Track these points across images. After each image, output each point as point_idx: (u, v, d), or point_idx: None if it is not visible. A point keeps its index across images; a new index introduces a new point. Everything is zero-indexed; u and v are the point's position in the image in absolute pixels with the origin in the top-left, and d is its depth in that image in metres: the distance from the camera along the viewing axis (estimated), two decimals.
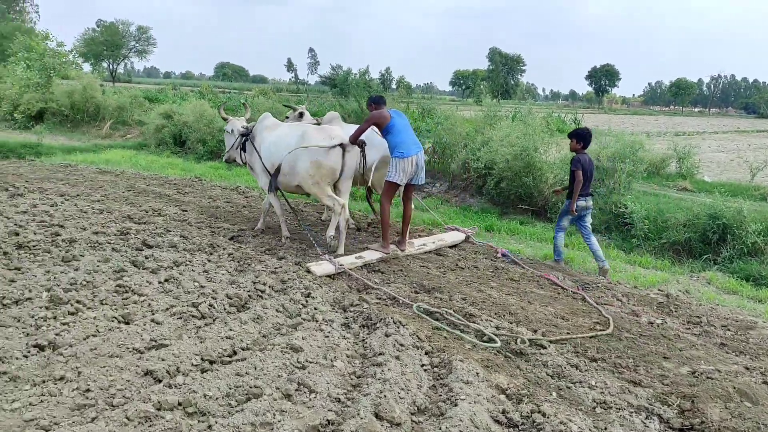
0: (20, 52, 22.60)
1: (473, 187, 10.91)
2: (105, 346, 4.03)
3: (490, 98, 15.94)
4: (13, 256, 5.89)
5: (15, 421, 3.09)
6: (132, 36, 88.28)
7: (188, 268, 5.99)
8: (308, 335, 4.43)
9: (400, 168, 6.68)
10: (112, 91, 25.39)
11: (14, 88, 21.58)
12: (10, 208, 7.94)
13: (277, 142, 7.22)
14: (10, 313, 4.48)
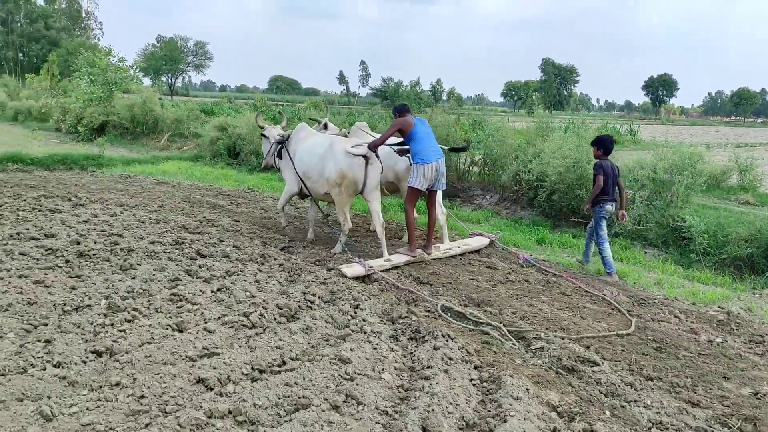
0: (84, 67, 23.52)
1: (524, 200, 10.77)
2: (159, 353, 4.13)
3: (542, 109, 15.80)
4: (74, 264, 6.11)
5: (73, 425, 3.19)
6: (190, 51, 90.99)
7: (240, 277, 6.09)
8: (356, 347, 4.44)
9: (420, 174, 6.96)
10: (170, 105, 26.15)
11: (78, 102, 22.48)
12: (73, 218, 8.25)
13: (309, 150, 7.57)
14: (71, 320, 4.65)
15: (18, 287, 5.25)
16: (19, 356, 3.94)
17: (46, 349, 4.06)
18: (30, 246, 6.61)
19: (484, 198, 11.58)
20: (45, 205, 9.06)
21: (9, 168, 13.28)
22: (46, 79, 39.75)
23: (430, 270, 6.89)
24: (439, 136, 11.97)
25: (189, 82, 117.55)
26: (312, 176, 7.49)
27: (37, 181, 11.70)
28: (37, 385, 3.57)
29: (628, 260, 8.11)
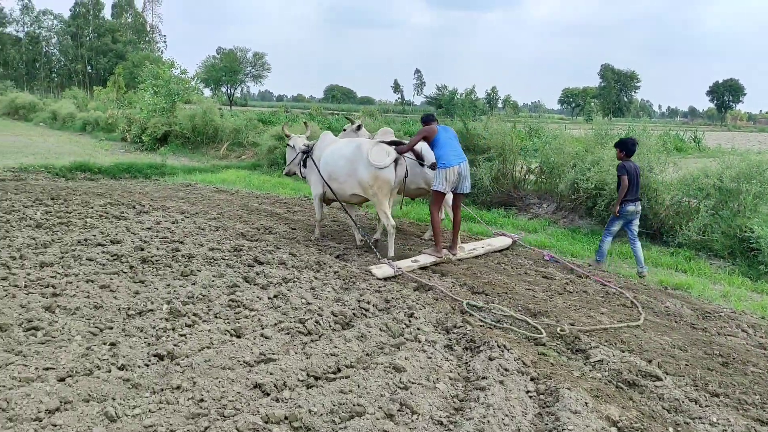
0: (149, 79, 24.35)
1: (582, 209, 10.55)
2: (218, 358, 4.22)
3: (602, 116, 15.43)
4: (138, 270, 6.32)
5: (136, 427, 3.29)
6: (249, 62, 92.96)
7: (296, 284, 6.17)
8: (411, 355, 4.43)
9: (442, 177, 7.33)
10: (230, 115, 26.77)
11: (143, 113, 23.28)
12: (137, 225, 8.53)
13: (334, 152, 7.85)
14: (134, 324, 4.80)
15: (85, 291, 5.46)
16: (86, 358, 4.09)
17: (111, 352, 4.20)
18: (97, 252, 6.87)
19: (541, 207, 11.40)
20: (111, 212, 9.41)
21: (77, 176, 13.83)
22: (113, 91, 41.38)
23: (485, 279, 6.82)
24: (495, 144, 11.89)
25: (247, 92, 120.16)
26: (339, 177, 7.73)
27: (103, 189, 12.16)
28: (103, 386, 3.70)
29: (692, 272, 7.83)
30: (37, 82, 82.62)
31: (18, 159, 15.51)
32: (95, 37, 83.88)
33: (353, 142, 7.76)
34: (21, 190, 11.22)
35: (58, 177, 13.58)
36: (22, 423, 3.25)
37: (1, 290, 5.36)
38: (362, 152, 7.43)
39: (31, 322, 4.63)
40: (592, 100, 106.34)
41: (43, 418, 3.31)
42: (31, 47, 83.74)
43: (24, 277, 5.73)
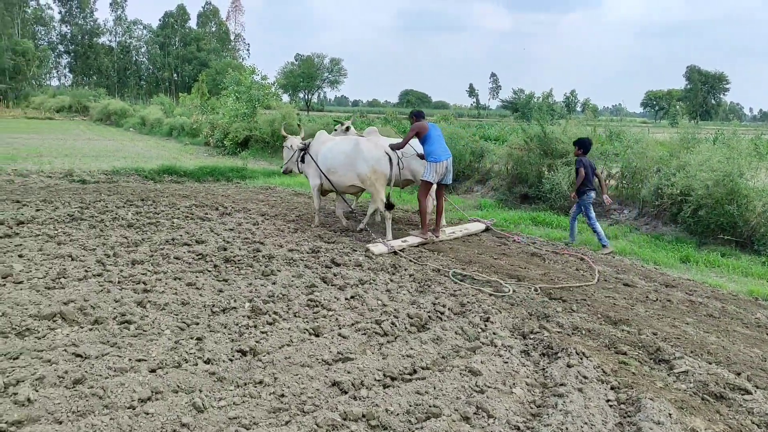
0: (231, 85, 25.20)
1: (666, 215, 10.17)
2: (297, 355, 4.34)
3: (687, 119, 14.82)
4: (221, 269, 6.57)
5: (221, 418, 3.43)
6: (326, 68, 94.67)
7: (372, 286, 6.25)
8: (487, 359, 4.41)
9: (432, 170, 8.34)
10: (307, 120, 27.36)
11: (225, 119, 24.11)
12: (220, 226, 8.87)
13: (332, 148, 8.86)
14: (219, 320, 5.01)
15: (173, 288, 5.74)
16: (174, 351, 4.30)
17: (197, 346, 4.40)
18: (183, 251, 7.19)
19: (622, 213, 11.07)
20: (196, 213, 9.82)
21: (165, 179, 14.49)
22: (197, 97, 42.94)
23: (562, 285, 6.70)
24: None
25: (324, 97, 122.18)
26: (338, 171, 8.75)
27: (188, 191, 12.69)
28: (190, 378, 3.88)
29: None
30: (127, 89, 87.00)
31: (111, 162, 16.40)
32: (181, 46, 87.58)
33: (352, 140, 8.81)
34: (113, 191, 11.87)
35: (147, 179, 14.27)
36: (117, 410, 3.45)
37: (97, 285, 5.70)
38: (361, 149, 8.47)
39: (124, 316, 4.90)
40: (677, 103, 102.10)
41: (136, 406, 3.51)
42: (122, 56, 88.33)
43: (117, 274, 6.07)
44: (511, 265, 7.53)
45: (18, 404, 3.40)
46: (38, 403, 3.43)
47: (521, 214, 11.08)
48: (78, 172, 13.92)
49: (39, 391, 3.55)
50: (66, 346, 4.25)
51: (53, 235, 7.61)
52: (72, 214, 9.04)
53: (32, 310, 4.87)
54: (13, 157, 15.87)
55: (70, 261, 6.48)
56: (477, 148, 14.84)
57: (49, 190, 11.57)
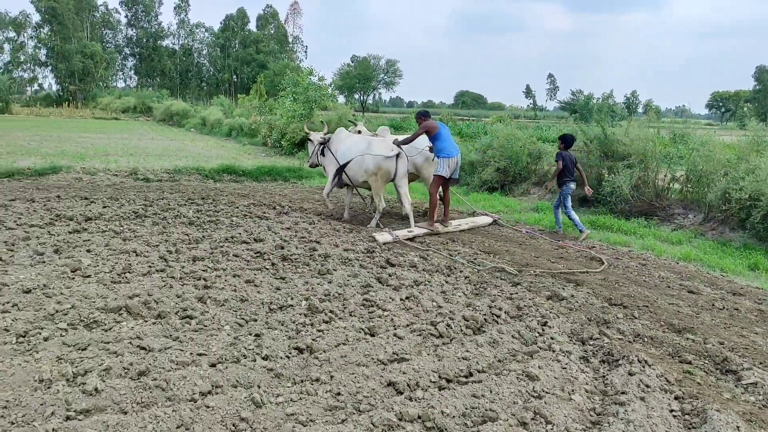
0: (289, 87, 25.54)
1: (734, 220, 9.77)
2: (353, 354, 4.36)
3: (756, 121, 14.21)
4: (279, 267, 6.67)
5: (278, 414, 3.48)
6: (381, 69, 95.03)
7: (427, 287, 6.24)
8: (544, 365, 4.34)
9: (445, 165, 8.96)
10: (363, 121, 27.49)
11: (282, 119, 24.46)
12: (277, 225, 9.01)
13: (350, 147, 9.56)
14: (276, 317, 5.08)
15: (232, 285, 5.86)
16: (234, 347, 4.38)
17: (255, 343, 4.48)
18: (242, 249, 7.33)
19: (686, 217, 10.71)
20: (254, 212, 10.00)
21: (224, 178, 14.82)
22: (255, 99, 43.74)
23: (623, 291, 6.53)
24: (636, 150, 11.33)
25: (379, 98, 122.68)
26: (352, 167, 9.43)
27: (247, 190, 12.94)
28: (249, 374, 3.95)
29: None
30: (189, 90, 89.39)
31: (173, 161, 16.87)
32: (241, 48, 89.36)
33: (365, 140, 9.55)
34: (175, 190, 12.22)
35: (208, 178, 14.63)
36: (179, 402, 3.55)
37: (160, 281, 5.87)
38: (371, 148, 9.24)
39: (185, 311, 5.03)
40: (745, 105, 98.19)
41: (198, 399, 3.60)
42: (184, 58, 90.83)
43: (179, 270, 6.24)
44: (569, 270, 7.38)
45: (86, 393, 3.53)
46: (105, 393, 3.56)
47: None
48: (142, 170, 14.37)
49: (105, 382, 3.68)
50: (131, 339, 4.39)
51: (119, 232, 7.88)
52: (136, 212, 9.34)
53: (99, 303, 5.05)
54: (82, 156, 16.52)
55: (135, 256, 6.70)
56: (534, 149, 14.62)
57: (115, 188, 11.99)
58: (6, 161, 14.23)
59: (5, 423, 3.23)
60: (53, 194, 10.62)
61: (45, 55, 72.21)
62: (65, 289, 5.41)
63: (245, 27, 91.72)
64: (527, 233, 9.67)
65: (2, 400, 3.40)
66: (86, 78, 68.56)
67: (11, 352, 4.08)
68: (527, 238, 9.29)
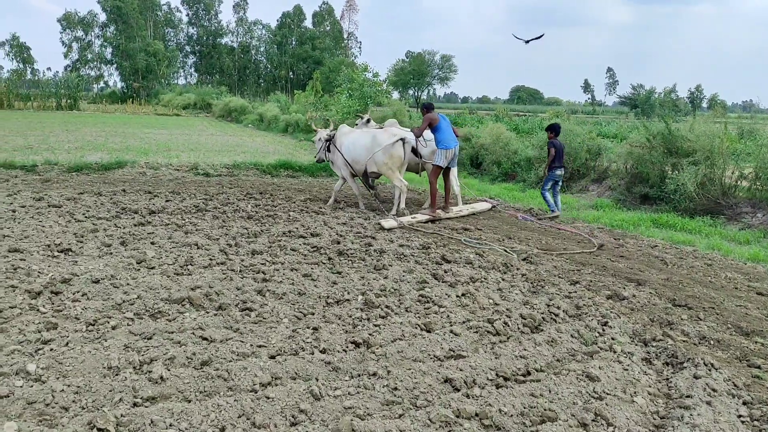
0: (344, 83, 25.76)
1: None
2: (410, 350, 4.37)
3: None
4: (335, 261, 6.74)
5: (336, 407, 3.52)
6: (436, 64, 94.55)
7: (483, 284, 6.19)
8: (605, 365, 4.25)
9: (443, 156, 9.57)
10: (417, 116, 27.44)
11: (338, 115, 24.69)
12: (333, 220, 9.10)
13: (354, 141, 10.16)
14: (333, 311, 5.14)
15: (290, 279, 5.95)
16: (292, 340, 4.45)
17: (313, 336, 4.54)
18: (299, 243, 7.43)
19: (755, 216, 10.28)
20: (310, 207, 10.13)
21: (281, 173, 15.05)
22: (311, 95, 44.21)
23: (688, 292, 6.33)
24: (701, 147, 10.95)
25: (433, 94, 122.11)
26: (360, 160, 10.03)
27: (303, 185, 13.12)
28: (307, 366, 4.01)
29: None
30: (246, 87, 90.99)
31: (231, 157, 17.22)
32: (297, 45, 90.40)
33: (369, 133, 10.14)
34: (234, 184, 12.48)
35: (265, 174, 14.88)
36: (240, 393, 3.63)
37: (221, 273, 6.01)
38: (378, 140, 9.76)
39: (245, 303, 5.14)
40: None
41: (258, 390, 3.67)
42: (243, 56, 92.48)
43: (239, 263, 6.38)
44: (630, 269, 7.20)
45: (152, 381, 3.65)
46: (169, 381, 3.67)
47: (641, 216, 10.56)
48: (202, 165, 14.73)
49: (170, 371, 3.80)
50: (194, 330, 4.52)
51: (181, 225, 8.11)
52: (197, 205, 9.59)
53: (163, 294, 5.21)
54: (145, 151, 17.04)
55: (196, 249, 6.88)
56: (593, 145, 14.30)
57: (177, 182, 12.34)
58: (75, 156, 14.81)
59: (77, 408, 3.37)
60: (119, 188, 11.01)
61: (110, 53, 74.72)
62: (131, 279, 5.60)
63: (301, 24, 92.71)
64: (522, 219, 10.30)
65: (74, 386, 3.55)
66: (149, 75, 70.65)
67: (82, 340, 4.25)
68: (586, 235, 9.09)
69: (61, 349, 4.06)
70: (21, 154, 14.69)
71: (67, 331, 4.38)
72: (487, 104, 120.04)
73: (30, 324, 4.47)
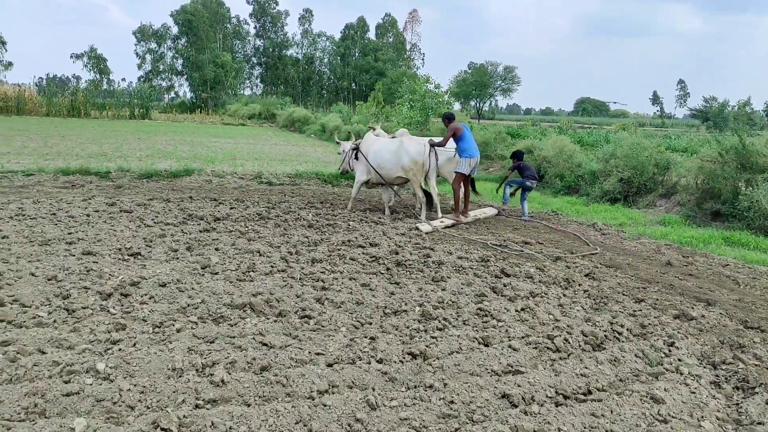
0: (406, 94, 25.85)
1: None
2: (467, 363, 4.33)
3: None
4: (393, 272, 6.75)
5: (392, 417, 3.52)
6: (499, 76, 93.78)
7: (543, 299, 6.08)
8: (671, 387, 4.10)
9: (466, 164, 10.16)
10: (479, 128, 27.29)
11: (399, 126, 24.79)
12: (392, 230, 9.13)
13: (381, 149, 10.57)
14: (390, 322, 5.14)
15: (349, 288, 5.99)
16: (350, 349, 4.48)
17: (370, 346, 4.55)
18: (358, 252, 7.49)
19: None
20: (370, 217, 10.20)
21: (342, 183, 15.22)
22: (373, 106, 44.57)
23: (761, 314, 6.04)
24: None
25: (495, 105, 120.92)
26: (386, 166, 10.41)
27: (363, 195, 13.20)
28: (364, 376, 4.02)
29: None
30: (309, 98, 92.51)
31: (294, 166, 17.54)
32: (360, 56, 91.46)
33: (396, 141, 10.53)
34: (296, 193, 12.70)
35: (326, 183, 15.08)
36: (298, 399, 3.67)
37: (281, 280, 6.12)
38: (405, 147, 10.23)
39: (304, 311, 5.21)
40: None
41: (315, 397, 3.71)
42: (307, 67, 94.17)
43: (299, 271, 6.48)
44: (699, 288, 6.93)
45: (213, 384, 3.74)
46: (230, 385, 3.75)
47: (711, 233, 10.17)
48: (266, 174, 15.05)
49: (231, 374, 3.88)
50: (254, 335, 4.61)
51: (244, 232, 8.30)
52: (260, 213, 9.80)
53: (226, 300, 5.34)
54: (212, 160, 17.55)
55: (258, 256, 7.02)
56: (662, 159, 13.86)
57: (241, 190, 12.64)
58: (146, 163, 15.40)
59: (142, 407, 3.48)
60: (186, 195, 11.37)
61: (181, 64, 77.45)
62: (196, 284, 5.76)
63: (365, 35, 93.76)
64: (528, 221, 11.06)
65: (140, 385, 3.67)
66: (217, 86, 72.75)
67: (148, 341, 4.40)
68: (653, 252, 8.82)
69: (128, 349, 4.21)
70: (96, 160, 15.38)
71: (135, 333, 4.54)
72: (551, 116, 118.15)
73: (100, 324, 4.65)
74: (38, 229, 7.64)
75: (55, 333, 4.42)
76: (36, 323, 4.61)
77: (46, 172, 12.91)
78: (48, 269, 5.91)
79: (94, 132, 26.58)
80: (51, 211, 8.93)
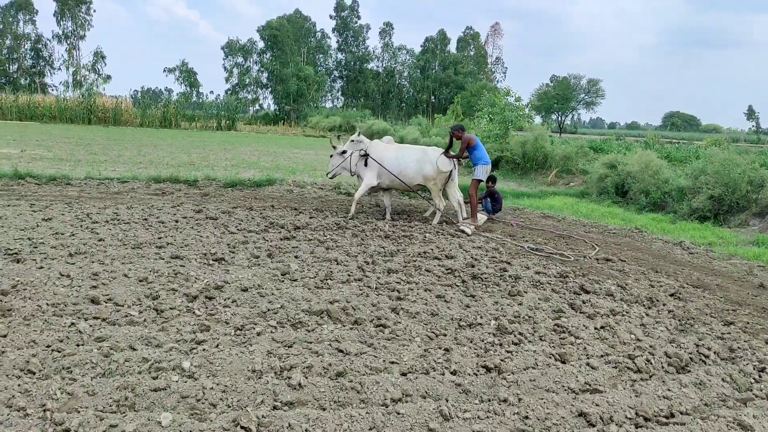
0: (485, 107, 25.67)
1: None
2: (543, 379, 4.26)
3: None
4: (468, 285, 6.73)
5: (465, 429, 3.51)
6: (582, 89, 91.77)
7: (624, 318, 5.90)
8: (761, 415, 3.90)
9: (482, 171, 10.87)
10: (560, 142, 26.76)
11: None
12: (468, 243, 9.09)
13: (402, 156, 10.85)
14: (465, 334, 5.13)
15: (424, 299, 6.02)
16: (423, 359, 4.51)
17: (444, 357, 4.56)
18: (433, 264, 7.51)
19: None
20: (446, 230, 10.20)
21: (419, 195, 15.25)
22: (452, 119, 44.50)
23: None
24: None
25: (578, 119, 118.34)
26: (408, 173, 10.69)
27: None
28: (437, 386, 4.04)
29: None
30: (389, 110, 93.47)
31: None
32: (440, 70, 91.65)
33: (419, 150, 11.07)
34: (373, 204, 12.84)
35: (403, 195, 15.17)
36: (372, 406, 3.73)
37: (358, 289, 6.22)
38: (429, 156, 10.69)
39: (380, 320, 5.28)
40: None
41: (389, 405, 3.76)
42: (387, 80, 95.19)
43: (375, 280, 6.56)
44: None
45: (291, 387, 3.85)
46: (307, 388, 3.85)
47: None
48: (344, 185, 15.31)
49: (308, 378, 3.99)
50: (330, 341, 4.71)
51: (323, 241, 8.48)
52: (338, 223, 9.99)
53: (304, 306, 5.48)
54: (293, 170, 18.02)
55: (336, 265, 7.16)
56: (756, 176, 13.16)
57: (321, 200, 12.91)
58: (231, 173, 15.98)
59: (223, 405, 3.63)
60: (268, 204, 11.73)
61: (266, 78, 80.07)
62: (276, 290, 5.94)
63: (445, 49, 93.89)
64: (516, 225, 11.50)
65: (222, 384, 3.83)
66: (299, 99, 74.68)
67: (230, 343, 4.58)
68: (745, 273, 8.38)
69: (212, 350, 4.39)
70: (185, 169, 16.10)
71: (218, 334, 4.74)
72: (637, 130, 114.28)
73: (186, 325, 4.88)
74: (131, 234, 8.08)
75: (145, 331, 4.67)
76: (128, 321, 4.88)
77: (139, 179, 13.63)
78: (139, 271, 6.25)
79: (183, 142, 27.85)
80: (143, 216, 9.43)
